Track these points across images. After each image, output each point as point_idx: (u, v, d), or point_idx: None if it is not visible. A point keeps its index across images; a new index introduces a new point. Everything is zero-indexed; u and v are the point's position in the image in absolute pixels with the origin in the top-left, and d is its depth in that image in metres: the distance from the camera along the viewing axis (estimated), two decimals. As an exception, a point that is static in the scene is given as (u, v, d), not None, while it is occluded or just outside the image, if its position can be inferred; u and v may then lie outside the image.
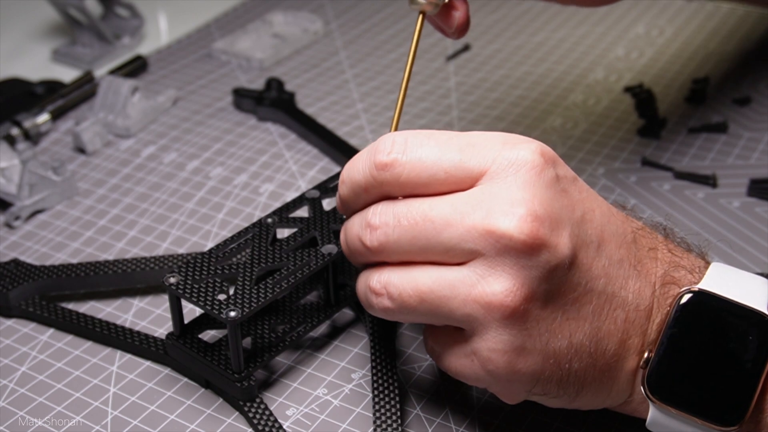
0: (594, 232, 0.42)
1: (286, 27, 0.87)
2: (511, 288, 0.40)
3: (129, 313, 0.56)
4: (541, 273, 0.40)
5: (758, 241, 0.60)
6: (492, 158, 0.41)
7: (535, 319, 0.41)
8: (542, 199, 0.40)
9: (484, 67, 0.82)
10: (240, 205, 0.65)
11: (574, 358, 0.42)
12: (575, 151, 0.70)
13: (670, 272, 0.43)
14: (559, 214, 0.41)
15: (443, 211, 0.41)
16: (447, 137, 0.43)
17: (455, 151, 0.42)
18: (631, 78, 0.79)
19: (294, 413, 0.49)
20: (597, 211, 0.43)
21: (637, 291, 0.42)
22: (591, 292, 0.41)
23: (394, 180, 0.43)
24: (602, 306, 0.42)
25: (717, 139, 0.70)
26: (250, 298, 0.48)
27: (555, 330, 0.41)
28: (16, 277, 0.56)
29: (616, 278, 0.42)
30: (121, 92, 0.73)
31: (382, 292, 0.43)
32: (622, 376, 0.43)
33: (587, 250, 0.41)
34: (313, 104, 0.77)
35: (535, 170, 0.41)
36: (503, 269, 0.40)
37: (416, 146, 0.42)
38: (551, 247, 0.40)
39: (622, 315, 0.42)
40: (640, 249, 0.43)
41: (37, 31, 0.91)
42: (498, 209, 0.40)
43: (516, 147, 0.41)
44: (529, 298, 0.40)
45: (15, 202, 0.64)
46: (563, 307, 0.41)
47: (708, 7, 0.89)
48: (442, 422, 0.48)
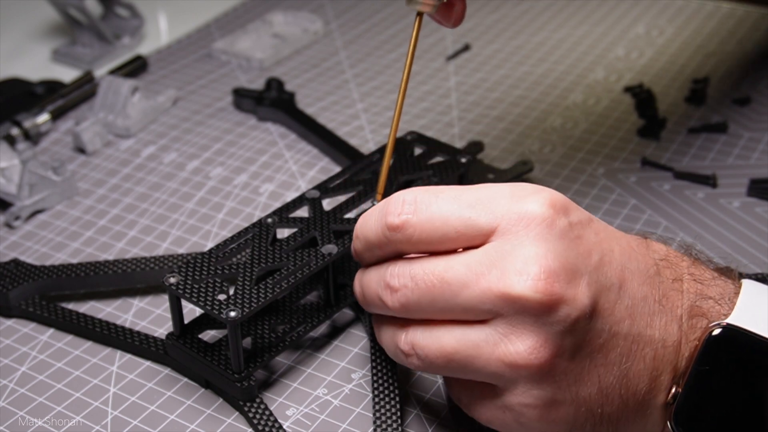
0: (614, 273, 0.41)
1: (286, 27, 0.87)
2: (534, 346, 0.40)
3: (129, 313, 0.56)
4: (563, 328, 0.40)
5: (758, 241, 0.60)
6: (501, 214, 0.41)
7: (563, 372, 0.40)
8: (556, 253, 0.40)
9: (484, 67, 0.82)
10: (240, 205, 0.65)
11: (605, 402, 0.41)
12: (575, 151, 0.70)
13: (697, 303, 0.42)
14: (574, 265, 0.40)
15: (458, 273, 0.41)
16: (456, 194, 0.42)
17: (465, 208, 0.42)
18: (631, 78, 0.79)
19: (294, 413, 0.49)
20: (616, 250, 0.42)
21: (663, 327, 0.41)
22: (617, 336, 0.41)
23: (407, 240, 0.43)
24: (629, 347, 0.41)
25: (717, 139, 0.70)
26: (250, 298, 0.48)
27: (584, 379, 0.41)
28: (16, 277, 0.56)
29: (640, 317, 0.41)
30: (121, 92, 0.73)
31: (411, 353, 0.43)
32: (656, 411, 0.42)
33: (608, 294, 0.41)
34: (313, 104, 0.77)
35: (545, 223, 0.40)
36: (524, 328, 0.40)
37: (426, 206, 0.42)
38: (569, 300, 0.39)
39: (651, 353, 0.41)
40: (663, 282, 0.42)
41: (37, 31, 0.91)
42: (511, 269, 0.40)
43: (524, 200, 0.41)
44: (554, 354, 0.40)
45: (15, 202, 0.64)
46: (590, 355, 0.41)
47: (708, 7, 0.89)
48: (442, 422, 0.48)
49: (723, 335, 0.41)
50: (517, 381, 0.41)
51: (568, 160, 0.68)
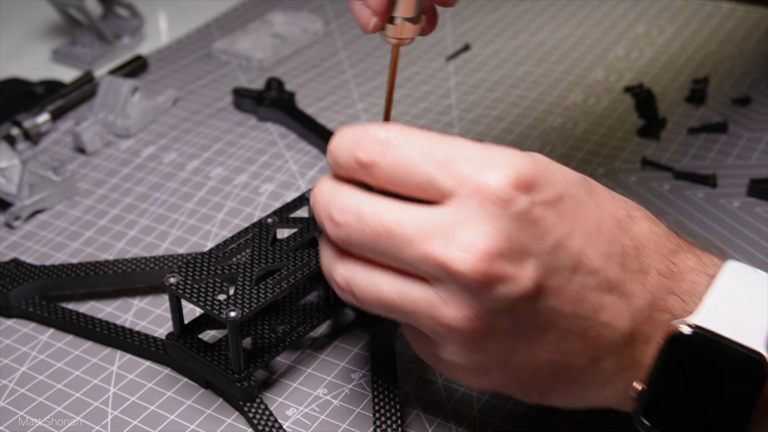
0: (569, 257, 0.40)
1: (286, 27, 0.87)
2: (469, 317, 0.40)
3: (129, 313, 0.56)
4: (500, 305, 0.40)
5: (758, 241, 0.60)
6: (462, 181, 0.40)
7: (496, 344, 0.41)
8: (506, 234, 0.39)
9: (484, 67, 0.82)
10: (240, 205, 0.65)
11: (535, 374, 0.42)
12: (575, 151, 0.70)
13: (661, 297, 0.41)
14: (523, 247, 0.39)
15: (406, 229, 0.40)
16: (429, 145, 0.41)
17: (432, 165, 0.41)
18: (631, 78, 0.79)
19: (294, 413, 0.49)
20: (579, 232, 0.41)
21: (614, 315, 0.41)
22: (559, 317, 0.40)
23: (371, 177, 0.42)
24: (569, 329, 0.41)
25: (717, 139, 0.70)
26: (250, 299, 0.48)
27: (517, 352, 0.41)
28: (16, 277, 0.56)
29: (589, 301, 0.40)
30: (121, 92, 0.73)
31: (347, 289, 0.43)
32: (598, 389, 0.42)
33: (557, 277, 0.40)
34: (313, 104, 0.77)
35: (501, 201, 0.39)
36: (462, 298, 0.40)
37: (396, 149, 0.41)
38: (510, 281, 0.39)
39: (593, 335, 0.41)
40: (627, 270, 0.41)
41: (37, 31, 0.91)
42: (457, 241, 0.39)
43: (489, 172, 0.40)
44: (488, 328, 0.40)
45: (15, 202, 0.64)
46: (527, 332, 0.41)
47: (708, 7, 0.89)
48: (442, 422, 0.48)
49: (683, 337, 0.40)
50: (450, 341, 0.41)
51: (568, 160, 0.68)
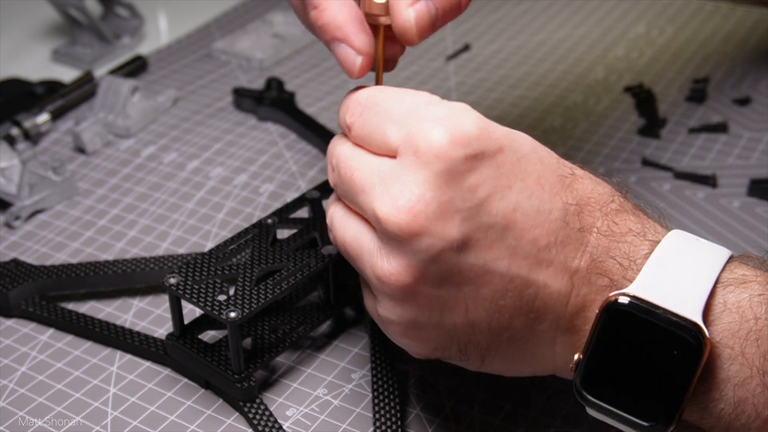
0: (500, 212, 0.41)
1: (286, 27, 0.87)
2: (398, 269, 0.41)
3: (129, 313, 0.56)
4: (426, 257, 0.41)
5: (758, 241, 0.60)
6: (406, 136, 0.42)
7: (426, 297, 0.42)
8: (433, 186, 0.40)
9: (484, 67, 0.82)
10: (240, 205, 0.65)
11: (472, 332, 0.42)
12: (575, 151, 0.70)
13: (600, 259, 0.41)
14: (450, 200, 0.40)
15: (362, 177, 0.43)
16: (395, 105, 0.44)
17: (390, 122, 0.43)
18: (631, 78, 0.79)
19: (294, 413, 0.49)
20: (517, 187, 0.41)
21: (551, 274, 0.41)
22: (492, 273, 0.41)
23: (351, 137, 0.45)
24: (505, 286, 0.41)
25: (717, 139, 0.70)
26: (251, 299, 0.48)
27: (449, 307, 0.42)
28: (16, 277, 0.56)
29: (524, 259, 0.41)
30: (121, 92, 0.73)
31: (331, 227, 0.46)
32: (538, 352, 0.43)
33: (487, 231, 0.41)
34: (313, 104, 0.77)
35: (433, 153, 0.41)
36: (393, 249, 0.41)
37: (367, 109, 0.44)
38: (435, 233, 0.40)
39: (531, 295, 0.41)
40: (566, 228, 0.41)
41: (37, 31, 0.91)
42: (390, 191, 0.41)
43: (429, 126, 0.41)
44: (416, 280, 0.41)
45: (15, 202, 0.64)
46: (458, 286, 0.41)
47: (708, 7, 0.89)
48: (442, 422, 0.48)
49: (620, 306, 0.40)
50: (384, 294, 0.43)
51: (568, 160, 0.68)
